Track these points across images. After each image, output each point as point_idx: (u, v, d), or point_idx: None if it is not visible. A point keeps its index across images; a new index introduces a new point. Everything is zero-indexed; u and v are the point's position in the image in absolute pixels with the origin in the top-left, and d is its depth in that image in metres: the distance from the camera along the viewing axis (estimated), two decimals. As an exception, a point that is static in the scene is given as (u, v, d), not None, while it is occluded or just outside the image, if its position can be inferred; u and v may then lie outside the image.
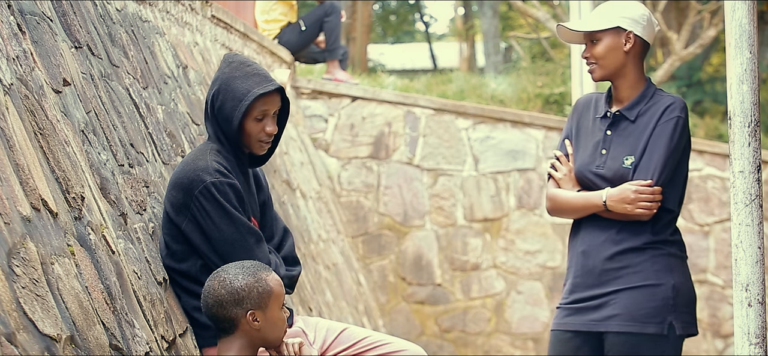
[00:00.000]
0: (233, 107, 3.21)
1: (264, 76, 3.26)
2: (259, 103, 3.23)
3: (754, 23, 2.68)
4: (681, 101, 3.41)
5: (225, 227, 3.14)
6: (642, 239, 3.38)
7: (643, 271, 3.37)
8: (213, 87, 3.28)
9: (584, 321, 3.43)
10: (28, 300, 2.10)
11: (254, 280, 2.84)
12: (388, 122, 8.90)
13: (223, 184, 3.15)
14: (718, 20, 10.56)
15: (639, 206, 3.33)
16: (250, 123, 3.24)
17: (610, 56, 3.40)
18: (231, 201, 3.16)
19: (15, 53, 2.57)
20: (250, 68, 3.28)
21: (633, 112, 3.42)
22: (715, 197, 8.63)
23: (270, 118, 3.28)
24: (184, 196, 3.17)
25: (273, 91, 3.24)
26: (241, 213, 3.18)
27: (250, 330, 2.84)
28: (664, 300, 3.34)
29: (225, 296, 2.82)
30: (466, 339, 8.81)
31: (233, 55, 3.35)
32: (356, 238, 8.88)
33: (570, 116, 3.62)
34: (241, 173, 3.31)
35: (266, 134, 3.27)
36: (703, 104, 12.16)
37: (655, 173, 3.34)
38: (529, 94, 10.61)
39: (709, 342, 8.63)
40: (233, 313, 2.82)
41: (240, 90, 3.21)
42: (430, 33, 27.89)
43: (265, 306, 2.84)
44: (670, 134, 3.36)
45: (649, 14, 3.43)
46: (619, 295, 3.38)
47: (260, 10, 8.84)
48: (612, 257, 3.40)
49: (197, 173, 3.16)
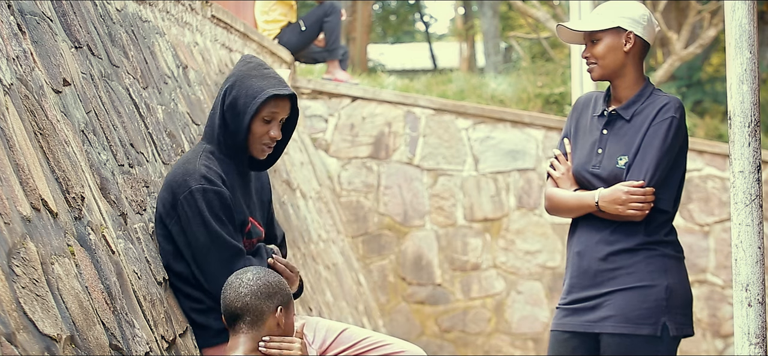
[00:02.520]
0: (246, 103, 3.21)
1: (279, 81, 3.28)
2: (271, 104, 3.22)
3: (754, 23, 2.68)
4: (677, 100, 3.40)
5: (201, 236, 3.14)
6: (635, 240, 3.38)
7: (637, 272, 3.37)
8: (227, 82, 3.28)
9: (581, 322, 3.44)
10: (28, 300, 2.10)
11: (280, 280, 2.96)
12: (388, 122, 8.90)
13: (208, 191, 3.13)
14: (718, 20, 10.56)
15: (630, 207, 3.33)
16: (257, 123, 3.24)
17: (610, 56, 3.39)
18: (213, 210, 3.13)
19: (15, 53, 2.57)
20: (268, 71, 3.29)
21: (629, 111, 3.42)
22: (715, 197, 8.62)
23: (277, 123, 3.27)
24: (172, 198, 3.18)
25: (285, 96, 3.24)
26: (223, 223, 3.15)
27: (273, 327, 2.89)
28: (657, 301, 3.34)
29: (261, 287, 2.89)
30: (466, 339, 8.81)
31: (252, 57, 3.36)
32: (356, 238, 8.88)
33: (570, 115, 3.62)
34: (237, 175, 3.29)
35: (270, 138, 3.26)
36: (703, 104, 12.16)
37: (647, 174, 3.33)
38: (529, 94, 10.61)
39: (709, 342, 8.63)
40: (264, 306, 2.88)
41: (254, 88, 3.21)
42: (430, 33, 27.89)
43: (288, 306, 2.95)
44: (664, 135, 3.34)
45: (649, 14, 3.43)
46: (613, 296, 3.38)
47: (260, 10, 8.84)
48: (606, 257, 3.41)
49: (184, 178, 3.17)
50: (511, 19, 20.28)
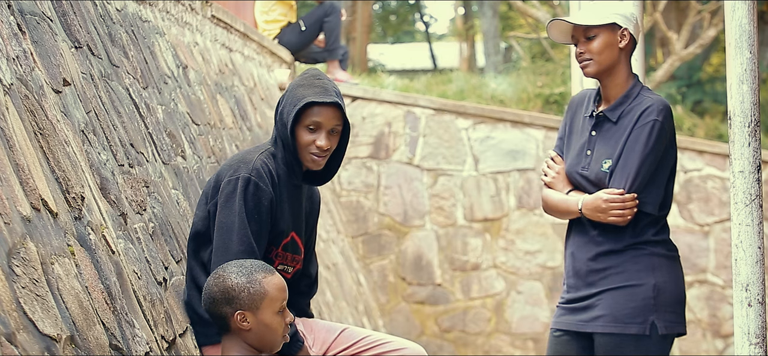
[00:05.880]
0: (289, 112, 3.22)
1: (325, 90, 3.24)
2: (312, 112, 3.20)
3: (754, 23, 2.68)
4: (661, 102, 3.38)
5: (228, 220, 3.13)
6: (622, 242, 3.40)
7: (625, 272, 3.39)
8: (284, 91, 3.32)
9: (575, 321, 3.48)
10: (28, 300, 2.10)
11: (247, 280, 2.82)
12: (388, 122, 8.90)
13: (254, 184, 3.14)
14: (718, 20, 10.56)
15: (611, 215, 3.34)
16: (301, 131, 3.22)
17: (606, 52, 3.41)
18: (251, 203, 3.13)
19: (15, 53, 2.57)
20: (319, 81, 3.27)
21: (616, 113, 3.43)
22: (715, 197, 8.62)
23: (325, 132, 3.23)
24: (219, 178, 3.21)
25: (329, 104, 3.21)
26: (254, 221, 3.14)
27: (241, 330, 2.83)
28: (645, 300, 3.35)
29: (217, 293, 2.83)
30: (466, 339, 8.81)
31: (315, 70, 3.37)
32: (356, 238, 8.88)
33: (565, 114, 3.64)
34: (291, 186, 3.29)
35: (317, 147, 3.23)
36: (703, 104, 12.16)
37: (628, 181, 3.34)
38: (529, 94, 10.61)
39: (709, 342, 8.63)
40: (223, 311, 2.82)
41: (297, 96, 3.22)
42: (430, 33, 27.89)
43: (256, 308, 2.81)
44: (646, 140, 3.34)
45: (637, 13, 3.48)
46: (603, 296, 3.41)
47: (260, 10, 8.84)
48: (595, 258, 3.43)
49: (239, 164, 3.19)
50: (511, 19, 20.28)
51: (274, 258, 3.29)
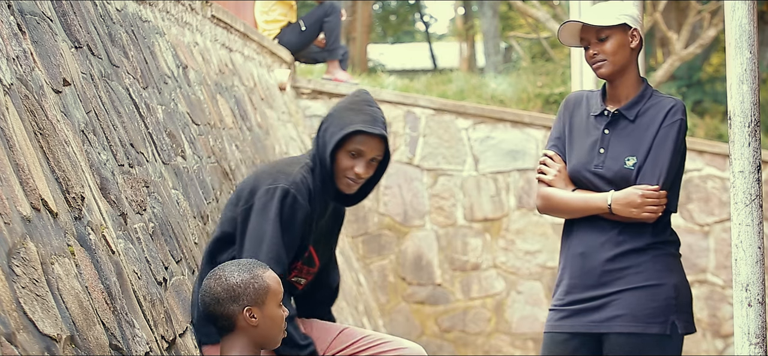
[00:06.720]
0: (333, 133, 3.22)
1: (375, 120, 3.25)
2: (357, 140, 3.22)
3: (754, 23, 2.68)
4: (682, 103, 3.43)
5: (261, 228, 3.13)
6: (644, 240, 3.38)
7: (645, 271, 3.37)
8: (331, 109, 3.32)
9: (583, 323, 3.42)
10: (28, 300, 2.10)
11: (250, 276, 2.81)
12: (388, 122, 8.89)
13: (292, 197, 3.15)
14: (718, 20, 10.56)
15: (646, 211, 3.33)
16: (342, 155, 3.23)
17: (620, 53, 3.41)
18: (287, 215, 3.13)
19: (15, 53, 2.57)
20: (369, 109, 3.28)
21: (632, 111, 3.42)
22: (715, 197, 8.63)
23: (365, 161, 3.25)
24: (256, 185, 3.22)
25: (375, 135, 3.22)
26: (287, 233, 3.14)
27: (248, 327, 2.82)
28: (667, 300, 3.34)
29: (221, 293, 2.81)
30: (466, 339, 8.81)
31: (363, 92, 3.38)
32: (356, 238, 8.88)
33: (561, 114, 3.59)
34: (323, 202, 3.29)
35: (355, 174, 3.24)
36: (703, 104, 12.16)
37: (661, 177, 3.34)
38: (529, 94, 10.61)
39: (709, 342, 8.63)
40: (230, 310, 2.81)
41: (345, 120, 3.23)
42: (430, 33, 27.90)
43: (262, 303, 2.81)
44: (675, 138, 3.36)
45: (638, 13, 3.50)
46: (621, 296, 3.37)
47: (260, 10, 8.84)
48: (613, 258, 3.39)
49: (279, 174, 3.20)
50: (511, 19, 20.28)
51: (292, 270, 3.30)
